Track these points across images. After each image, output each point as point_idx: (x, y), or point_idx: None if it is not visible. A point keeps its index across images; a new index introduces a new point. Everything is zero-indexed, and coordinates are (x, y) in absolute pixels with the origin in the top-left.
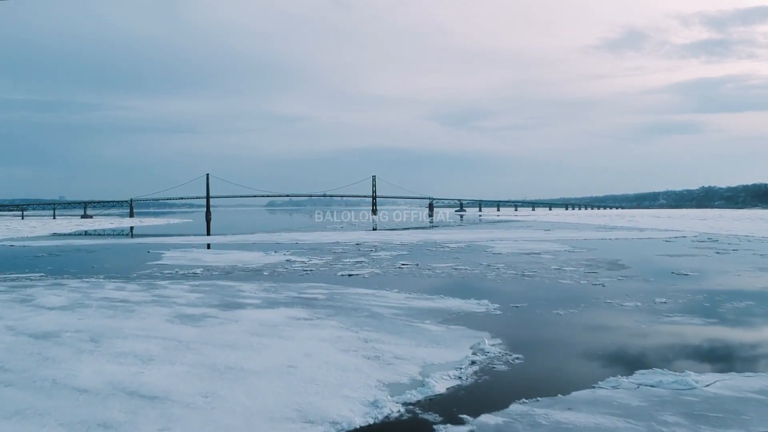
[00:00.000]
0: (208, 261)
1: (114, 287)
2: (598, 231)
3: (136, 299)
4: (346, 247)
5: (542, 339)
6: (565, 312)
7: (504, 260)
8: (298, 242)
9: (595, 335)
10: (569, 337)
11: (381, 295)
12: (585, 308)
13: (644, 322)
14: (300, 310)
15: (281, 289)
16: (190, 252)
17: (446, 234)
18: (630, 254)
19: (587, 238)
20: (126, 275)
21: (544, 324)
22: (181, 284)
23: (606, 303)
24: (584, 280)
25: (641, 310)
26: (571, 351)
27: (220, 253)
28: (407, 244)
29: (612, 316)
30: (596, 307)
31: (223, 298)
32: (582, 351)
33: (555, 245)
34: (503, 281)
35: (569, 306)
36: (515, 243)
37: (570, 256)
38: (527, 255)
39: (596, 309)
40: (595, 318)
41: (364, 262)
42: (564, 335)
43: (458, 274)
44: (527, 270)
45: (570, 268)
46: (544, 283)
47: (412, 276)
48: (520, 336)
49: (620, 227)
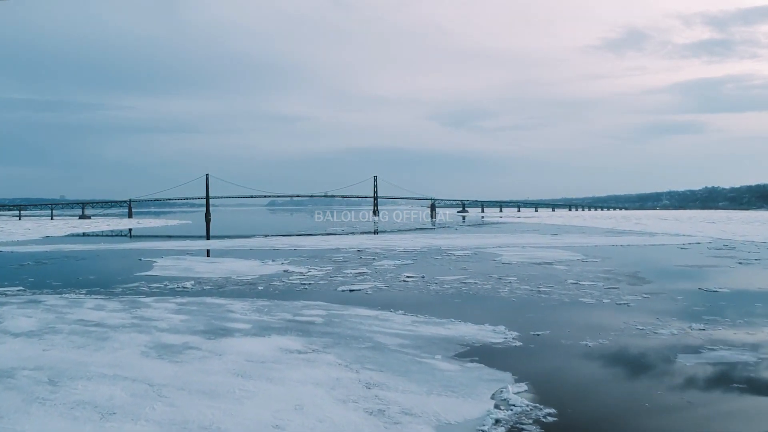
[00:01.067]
0: (200, 272)
1: (93, 305)
2: (607, 236)
3: (114, 322)
4: (347, 255)
5: (576, 383)
6: (594, 343)
7: (515, 271)
8: (296, 248)
9: (636, 378)
10: (607, 382)
11: (385, 317)
12: (616, 338)
13: (690, 360)
14: (294, 339)
15: (275, 309)
16: (183, 260)
17: (450, 239)
18: (647, 265)
19: (597, 244)
20: (110, 289)
21: (574, 361)
22: (167, 302)
23: (638, 330)
24: (606, 298)
25: (682, 342)
26: (613, 403)
27: (214, 262)
28: (411, 251)
29: (649, 351)
30: (628, 336)
31: (209, 321)
32: (626, 404)
33: (566, 253)
34: (518, 299)
35: (597, 334)
36: (523, 250)
37: (584, 267)
38: (538, 265)
39: (629, 339)
40: (630, 353)
41: (366, 274)
42: (600, 378)
43: (468, 290)
44: (542, 284)
45: (588, 283)
46: (563, 303)
47: (419, 292)
48: (549, 378)
49: (629, 231)
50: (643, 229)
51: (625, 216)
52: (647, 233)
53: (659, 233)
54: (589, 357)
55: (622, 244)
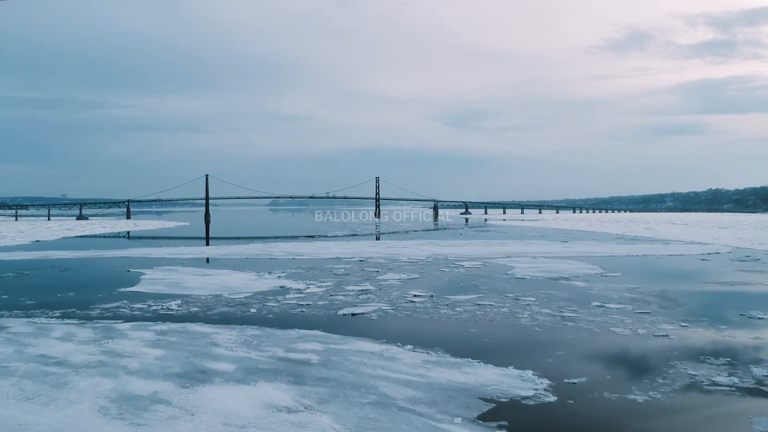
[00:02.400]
0: (190, 287)
1: (62, 334)
2: (620, 244)
3: (79, 360)
4: (348, 266)
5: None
6: (644, 398)
7: (531, 289)
8: (295, 258)
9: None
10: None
11: (391, 355)
12: (670, 390)
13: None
14: (283, 389)
15: (265, 342)
16: (173, 272)
17: (456, 246)
18: (672, 281)
19: (612, 254)
20: (87, 311)
21: (628, 428)
22: (146, 329)
23: (693, 378)
24: (640, 327)
25: (755, 396)
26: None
27: (206, 275)
28: (416, 261)
29: (715, 412)
30: (684, 387)
31: (189, 359)
32: None
33: (581, 265)
34: (541, 329)
35: (645, 384)
36: (536, 261)
37: (605, 284)
38: (555, 281)
39: (687, 394)
40: (692, 414)
41: (369, 292)
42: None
43: (483, 315)
44: (564, 307)
45: (615, 306)
46: (592, 334)
47: (428, 317)
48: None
49: (640, 238)
50: (654, 235)
51: (632, 219)
52: (660, 240)
53: (673, 241)
54: (645, 420)
55: (638, 254)
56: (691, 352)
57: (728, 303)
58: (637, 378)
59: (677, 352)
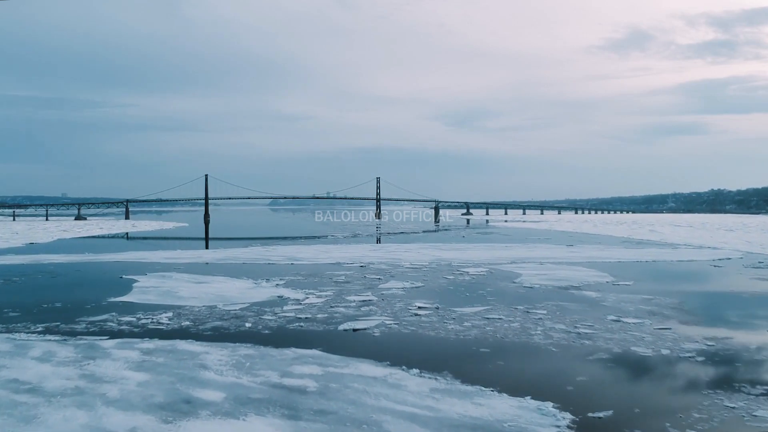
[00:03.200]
0: (183, 296)
1: (41, 353)
2: (627, 248)
3: (55, 386)
4: (349, 272)
5: None
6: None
7: (541, 300)
8: (294, 263)
9: None
10: None
11: (396, 381)
12: (709, 429)
13: None
14: (275, 426)
15: (259, 364)
16: (168, 278)
17: (459, 250)
18: (688, 291)
19: (620, 259)
20: (72, 325)
21: None
22: (132, 348)
23: (732, 412)
24: (663, 345)
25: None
26: None
27: (201, 283)
28: (419, 267)
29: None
30: (721, 421)
31: (174, 385)
32: None
33: (590, 273)
34: (557, 348)
35: (679, 419)
36: (542, 268)
37: (618, 294)
38: (565, 290)
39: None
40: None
41: (371, 303)
42: None
43: (493, 332)
44: (578, 322)
45: (632, 321)
46: (613, 354)
47: (435, 334)
48: None
49: (647, 242)
50: (660, 238)
51: (636, 221)
52: (667, 244)
53: (681, 245)
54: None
55: (647, 260)
56: (723, 377)
57: (752, 317)
58: (668, 411)
59: (707, 377)
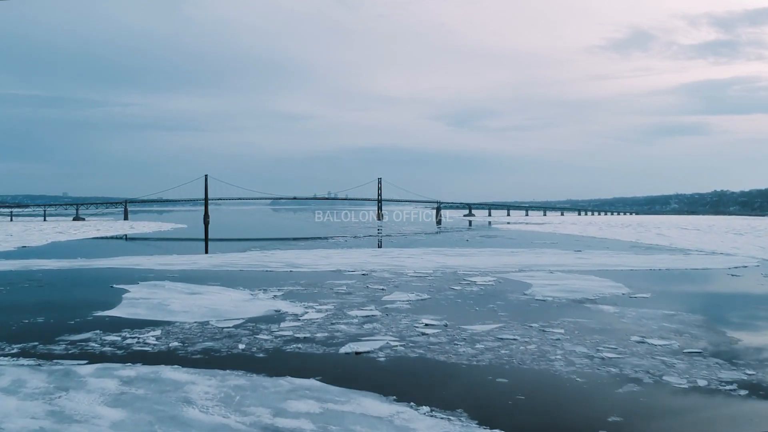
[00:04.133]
0: (174, 310)
1: (9, 382)
2: (637, 254)
3: (16, 427)
4: (351, 281)
5: None
6: None
7: (556, 316)
8: (293, 270)
9: None
10: None
11: (404, 422)
12: None
13: None
14: None
15: (250, 398)
16: (160, 288)
17: (464, 256)
18: (711, 305)
19: (633, 267)
20: (51, 345)
21: None
22: (111, 376)
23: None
24: (699, 375)
25: None
26: None
27: (195, 293)
28: (423, 275)
29: None
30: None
31: (151, 428)
32: None
33: (605, 283)
34: (582, 378)
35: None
36: (553, 277)
37: (637, 308)
38: (580, 304)
39: None
40: None
41: (375, 319)
42: None
43: (509, 358)
44: (600, 344)
45: (659, 343)
46: (646, 387)
47: (445, 359)
48: None
49: (656, 247)
50: (670, 243)
51: (641, 224)
52: (678, 250)
53: (692, 251)
54: None
55: (661, 268)
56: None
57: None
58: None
59: (758, 417)
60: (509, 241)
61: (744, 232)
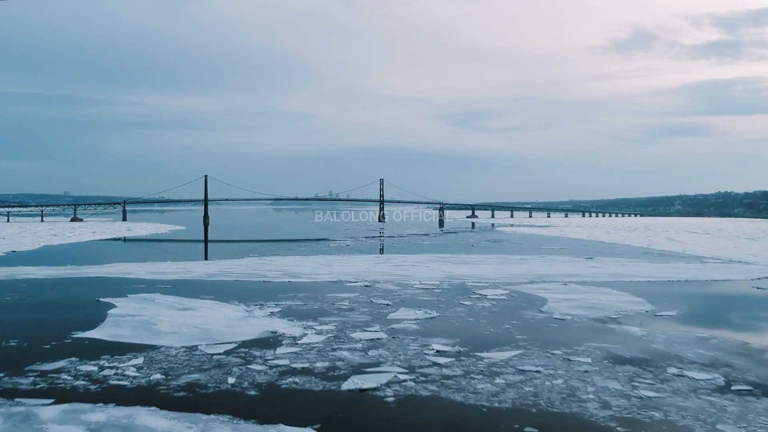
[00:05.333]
0: (162, 330)
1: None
2: (651, 262)
3: None
4: (353, 294)
5: None
6: None
7: (579, 340)
8: (291, 280)
9: None
10: None
11: None
12: None
13: None
14: None
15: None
16: (150, 303)
17: (470, 263)
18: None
19: (650, 278)
20: (16, 379)
21: None
22: (77, 422)
23: None
24: (758, 423)
25: None
26: None
27: (186, 309)
28: (430, 287)
29: None
30: None
31: None
32: None
33: (624, 298)
34: (621, 424)
35: None
36: (568, 290)
37: (667, 329)
38: (604, 325)
39: None
40: None
41: (381, 343)
42: None
43: (534, 396)
44: (636, 378)
45: (700, 376)
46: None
47: (462, 400)
48: None
49: (670, 254)
50: (682, 249)
51: (648, 227)
52: (693, 257)
53: (708, 258)
54: None
55: (680, 279)
56: None
57: None
58: None
59: None
60: (516, 247)
61: (756, 237)
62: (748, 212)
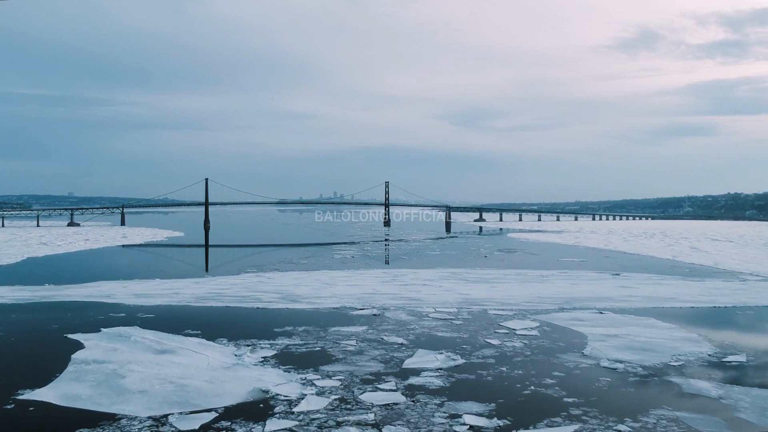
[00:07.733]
0: (129, 388)
1: None
2: (686, 279)
3: None
4: (360, 329)
5: None
6: None
7: (645, 404)
8: (289, 307)
9: None
10: None
11: None
12: None
13: None
14: None
15: None
16: (124, 342)
17: (486, 281)
18: None
19: (692, 302)
20: None
21: None
22: None
23: None
24: None
25: None
26: None
27: (164, 351)
28: (447, 316)
29: None
30: None
31: None
32: None
33: (675, 333)
34: None
35: None
36: (606, 321)
37: (746, 386)
38: (664, 377)
39: None
40: None
41: (398, 411)
42: None
43: None
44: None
45: None
46: None
47: None
48: None
49: (702, 269)
50: (713, 262)
51: (665, 232)
52: (729, 273)
53: (746, 275)
54: None
55: (726, 305)
56: None
57: None
58: None
59: None
60: (533, 259)
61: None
62: (760, 215)
